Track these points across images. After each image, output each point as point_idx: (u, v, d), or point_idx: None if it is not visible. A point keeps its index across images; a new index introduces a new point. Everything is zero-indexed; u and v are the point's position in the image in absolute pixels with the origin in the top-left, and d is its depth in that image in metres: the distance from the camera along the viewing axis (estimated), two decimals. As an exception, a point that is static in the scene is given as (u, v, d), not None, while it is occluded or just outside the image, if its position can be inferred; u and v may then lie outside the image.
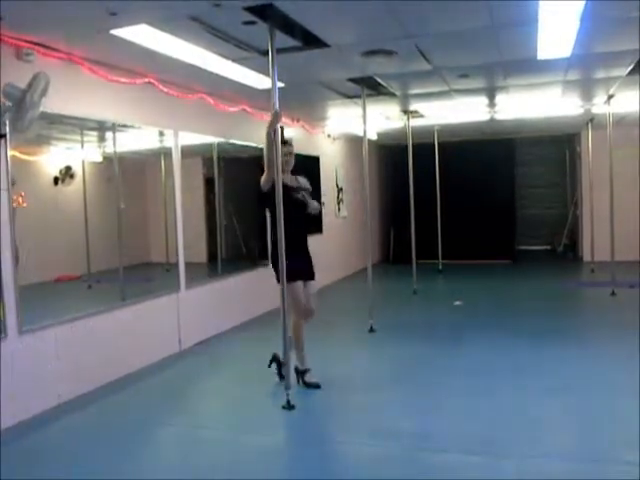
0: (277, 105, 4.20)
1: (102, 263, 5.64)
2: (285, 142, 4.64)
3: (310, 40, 4.57)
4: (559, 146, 13.64)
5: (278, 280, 4.33)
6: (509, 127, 10.85)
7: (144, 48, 4.46)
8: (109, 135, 5.32)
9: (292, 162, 4.69)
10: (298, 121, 9.04)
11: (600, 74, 6.38)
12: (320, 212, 4.67)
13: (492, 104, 8.23)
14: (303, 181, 4.80)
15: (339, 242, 10.79)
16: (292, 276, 4.39)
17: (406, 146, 9.03)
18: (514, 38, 4.76)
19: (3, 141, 4.01)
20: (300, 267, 4.56)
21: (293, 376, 4.49)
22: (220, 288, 6.88)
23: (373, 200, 12.30)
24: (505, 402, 4.24)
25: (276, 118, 4.21)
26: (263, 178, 4.42)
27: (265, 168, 4.38)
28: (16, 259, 4.13)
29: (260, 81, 5.83)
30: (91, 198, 5.45)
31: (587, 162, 10.75)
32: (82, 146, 5.49)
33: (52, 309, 4.66)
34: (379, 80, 6.28)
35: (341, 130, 10.51)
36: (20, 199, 4.25)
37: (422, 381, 4.84)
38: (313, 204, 4.65)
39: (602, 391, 4.39)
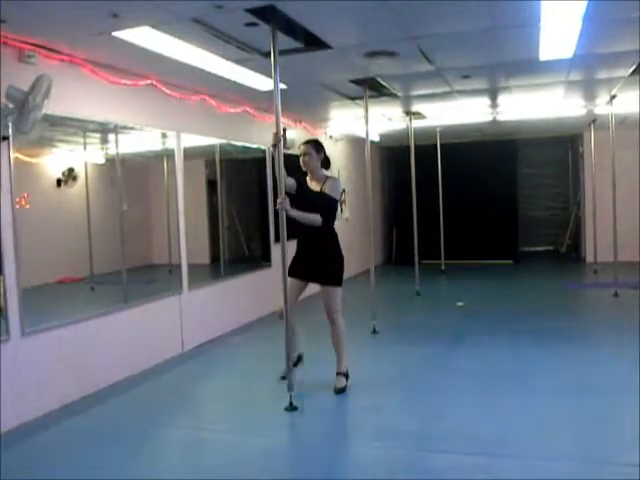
0: (279, 106, 4.19)
1: (105, 265, 5.65)
2: (307, 142, 4.64)
3: (312, 41, 4.57)
4: (561, 147, 13.62)
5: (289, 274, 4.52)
6: (511, 128, 10.84)
7: (146, 50, 4.46)
8: (111, 137, 5.33)
9: (311, 163, 4.56)
10: (300, 122, 9.05)
11: (602, 75, 6.37)
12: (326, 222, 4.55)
13: (494, 105, 8.23)
14: (329, 186, 4.54)
15: (342, 243, 10.75)
16: (288, 271, 4.51)
17: (408, 147, 9.03)
18: (516, 39, 4.75)
19: (6, 143, 4.01)
20: (296, 265, 4.59)
21: (295, 377, 4.48)
22: (223, 289, 6.88)
23: (375, 201, 12.31)
24: (508, 403, 4.23)
25: (277, 137, 4.19)
26: None
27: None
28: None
29: (262, 83, 5.84)
30: (94, 200, 5.47)
31: (590, 163, 10.73)
32: (84, 148, 5.50)
33: (55, 311, 4.67)
34: (381, 81, 6.28)
35: (343, 131, 10.52)
36: (23, 201, 4.26)
37: (425, 382, 4.84)
38: (297, 213, 4.31)
39: (604, 392, 4.38)
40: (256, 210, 8.21)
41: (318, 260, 4.56)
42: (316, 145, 4.65)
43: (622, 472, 3.12)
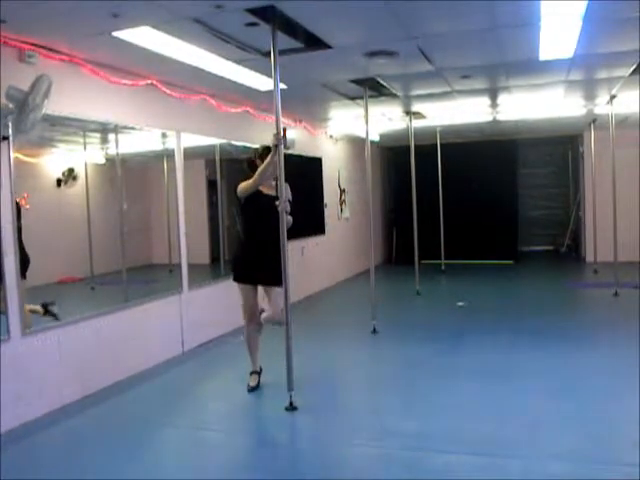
0: (279, 106, 4.19)
1: (105, 265, 5.66)
2: (269, 148, 4.47)
3: (312, 41, 4.57)
4: (562, 147, 13.62)
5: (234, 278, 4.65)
6: (511, 128, 10.85)
7: (146, 50, 4.47)
8: (111, 137, 5.33)
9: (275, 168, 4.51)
10: (300, 122, 9.05)
11: (602, 74, 6.37)
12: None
13: (494, 105, 8.23)
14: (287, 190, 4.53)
15: (342, 243, 10.78)
16: (238, 277, 4.61)
17: (408, 147, 9.04)
18: (516, 39, 4.75)
19: (6, 143, 4.02)
20: (250, 271, 4.55)
21: (295, 378, 4.48)
22: (223, 289, 6.87)
23: (376, 201, 12.31)
24: (508, 403, 4.23)
25: (277, 137, 4.20)
26: (247, 185, 4.48)
27: (255, 177, 4.43)
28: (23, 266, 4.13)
29: (262, 83, 5.84)
30: (94, 200, 5.47)
31: (590, 163, 10.73)
32: (85, 148, 5.51)
33: (55, 311, 4.66)
34: (381, 81, 6.28)
35: (343, 131, 10.52)
36: (23, 201, 4.26)
37: (425, 382, 4.84)
38: (288, 218, 4.38)
39: (604, 392, 4.39)
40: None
41: (273, 262, 4.44)
42: None
43: (622, 472, 3.12)
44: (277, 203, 4.24)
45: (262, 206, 4.51)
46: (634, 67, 5.90)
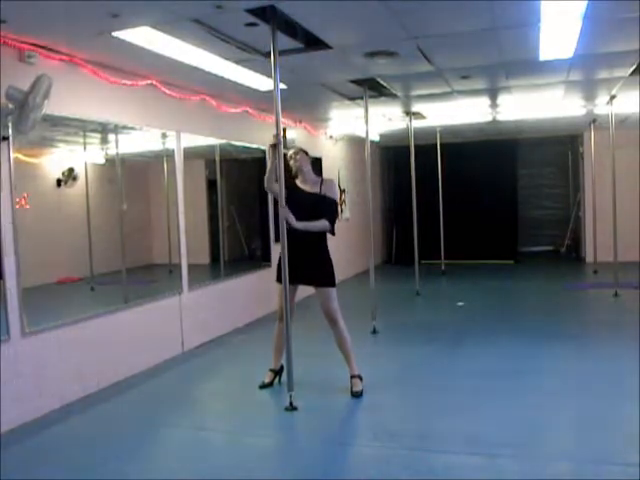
0: (279, 106, 4.19)
1: (105, 265, 5.66)
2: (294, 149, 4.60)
3: (312, 41, 4.57)
4: (561, 147, 13.62)
5: (277, 279, 4.52)
6: (511, 128, 10.85)
7: (146, 50, 4.47)
8: (111, 137, 5.33)
9: (303, 162, 4.57)
10: (300, 122, 9.05)
11: (602, 75, 6.37)
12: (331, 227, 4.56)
13: (494, 105, 8.23)
14: (329, 187, 4.57)
15: (342, 244, 10.76)
16: (278, 277, 4.48)
17: (408, 147, 9.04)
18: (516, 39, 4.75)
19: (6, 143, 4.01)
20: (291, 270, 4.36)
21: (295, 378, 4.48)
22: (223, 290, 6.88)
23: (376, 201, 12.31)
24: (507, 403, 4.23)
25: (277, 138, 4.23)
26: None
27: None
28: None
29: (262, 83, 5.84)
30: (94, 200, 5.47)
31: (590, 163, 10.74)
32: (85, 148, 5.51)
33: (55, 311, 4.67)
34: (381, 81, 6.28)
35: (343, 131, 10.52)
36: (23, 201, 4.26)
37: (425, 382, 4.84)
38: (302, 225, 4.30)
39: (603, 392, 4.39)
40: (256, 210, 8.22)
41: (314, 263, 4.52)
42: (305, 151, 4.70)
43: (622, 472, 3.12)
44: (281, 215, 4.23)
45: (299, 203, 4.38)
46: (634, 67, 5.90)
